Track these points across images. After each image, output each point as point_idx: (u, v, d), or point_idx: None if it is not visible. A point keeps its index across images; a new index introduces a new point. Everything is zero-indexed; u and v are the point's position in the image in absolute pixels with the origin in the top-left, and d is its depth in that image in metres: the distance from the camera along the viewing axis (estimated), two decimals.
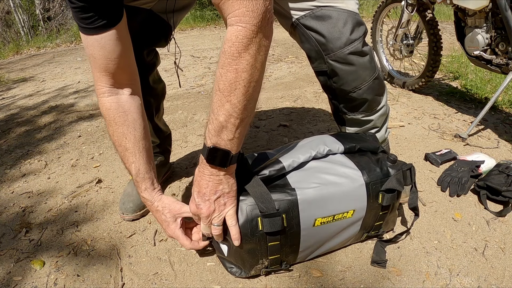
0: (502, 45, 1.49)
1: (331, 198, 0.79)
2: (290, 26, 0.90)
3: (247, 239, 0.76)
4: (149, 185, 0.85)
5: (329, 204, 0.79)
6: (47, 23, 6.06)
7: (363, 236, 0.93)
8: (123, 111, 0.81)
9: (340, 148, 0.88)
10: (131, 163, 0.83)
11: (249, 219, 0.75)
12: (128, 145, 0.82)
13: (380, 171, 0.85)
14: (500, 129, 1.62)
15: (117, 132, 0.81)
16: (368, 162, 0.87)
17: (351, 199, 0.82)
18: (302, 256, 0.86)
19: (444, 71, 2.54)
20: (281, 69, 2.77)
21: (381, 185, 0.84)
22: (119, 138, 0.82)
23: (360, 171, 0.84)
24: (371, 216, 0.87)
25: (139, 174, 0.84)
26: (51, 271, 0.92)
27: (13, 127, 1.93)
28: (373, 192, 0.83)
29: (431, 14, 1.88)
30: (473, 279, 0.85)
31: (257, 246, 0.78)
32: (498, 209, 1.08)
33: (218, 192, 0.72)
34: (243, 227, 0.75)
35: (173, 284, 0.87)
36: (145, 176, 0.84)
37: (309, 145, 0.87)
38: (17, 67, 3.67)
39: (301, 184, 0.79)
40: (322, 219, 0.80)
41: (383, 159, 0.89)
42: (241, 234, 0.75)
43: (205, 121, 1.80)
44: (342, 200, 0.81)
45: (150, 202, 0.86)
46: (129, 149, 0.82)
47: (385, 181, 0.84)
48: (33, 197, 1.24)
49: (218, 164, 0.70)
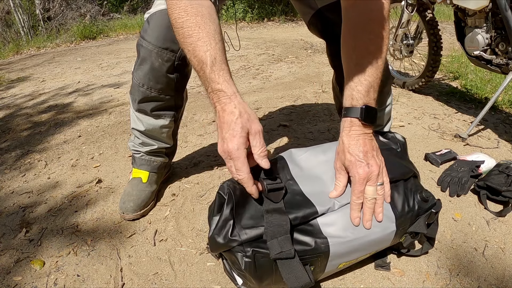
0: (502, 45, 1.48)
1: (360, 248, 0.73)
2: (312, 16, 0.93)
3: (268, 285, 0.71)
4: (228, 77, 0.70)
5: (357, 252, 0.74)
6: (47, 23, 6.06)
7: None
8: (198, 3, 0.70)
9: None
10: (205, 51, 0.68)
11: (273, 271, 0.68)
12: (201, 35, 0.69)
13: (411, 213, 0.76)
14: (500, 129, 1.62)
15: (188, 22, 0.69)
16: (400, 199, 0.76)
17: (378, 244, 0.76)
18: None
19: (444, 71, 2.54)
20: (281, 69, 2.77)
21: (409, 227, 0.77)
22: (190, 28, 0.69)
23: (394, 215, 0.74)
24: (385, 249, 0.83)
25: (216, 63, 0.68)
26: (51, 271, 0.92)
27: (13, 127, 1.93)
28: (400, 234, 0.77)
29: (431, 14, 1.88)
30: (473, 279, 0.85)
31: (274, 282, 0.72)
32: (498, 209, 1.08)
33: (374, 147, 0.73)
34: (266, 280, 0.70)
35: (173, 284, 0.87)
36: (222, 66, 0.69)
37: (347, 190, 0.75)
38: (17, 67, 3.67)
39: (335, 231, 0.70)
40: (346, 264, 0.77)
41: (415, 191, 0.78)
42: (263, 283, 0.71)
43: (205, 121, 1.81)
44: (370, 247, 0.75)
45: (227, 97, 0.67)
46: (203, 38, 0.69)
47: (414, 222, 0.77)
48: (33, 197, 1.24)
49: (370, 121, 0.72)
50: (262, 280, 0.71)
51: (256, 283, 0.71)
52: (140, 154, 1.13)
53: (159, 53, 0.94)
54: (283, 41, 3.81)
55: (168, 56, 0.95)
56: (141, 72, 0.98)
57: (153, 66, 0.96)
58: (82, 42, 5.03)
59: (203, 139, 1.61)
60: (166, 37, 0.92)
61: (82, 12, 6.20)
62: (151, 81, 0.98)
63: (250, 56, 3.27)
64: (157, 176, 1.17)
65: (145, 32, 0.94)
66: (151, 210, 1.13)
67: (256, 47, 3.75)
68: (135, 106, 1.05)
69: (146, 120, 1.05)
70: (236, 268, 0.73)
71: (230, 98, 0.67)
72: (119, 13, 6.95)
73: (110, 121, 1.90)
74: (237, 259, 0.68)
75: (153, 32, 0.93)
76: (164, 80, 0.99)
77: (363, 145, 0.72)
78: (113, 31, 5.53)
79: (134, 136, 1.12)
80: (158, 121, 1.06)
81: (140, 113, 1.05)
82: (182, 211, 1.12)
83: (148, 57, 0.95)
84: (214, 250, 0.73)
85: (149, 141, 1.11)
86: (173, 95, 1.04)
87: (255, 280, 0.71)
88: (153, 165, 1.14)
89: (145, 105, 1.03)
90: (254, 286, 0.73)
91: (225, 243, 0.68)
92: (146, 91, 1.00)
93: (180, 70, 1.00)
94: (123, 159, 1.47)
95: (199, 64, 0.69)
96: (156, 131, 1.08)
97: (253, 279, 0.70)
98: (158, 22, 0.92)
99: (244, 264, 0.67)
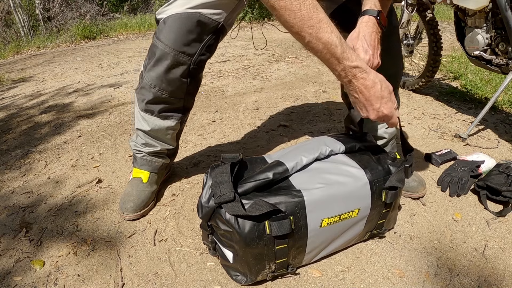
0: (502, 45, 1.48)
1: (337, 198, 0.79)
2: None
3: (254, 244, 0.75)
4: (356, 54, 0.75)
5: (335, 204, 0.79)
6: (47, 23, 6.06)
7: (366, 235, 0.93)
8: None
9: (341, 148, 0.89)
10: (330, 32, 0.70)
11: (256, 223, 0.74)
12: (321, 16, 0.69)
13: (382, 169, 0.86)
14: (500, 129, 1.62)
15: (306, 4, 0.68)
16: (369, 160, 0.87)
17: (356, 198, 0.82)
18: (308, 258, 0.86)
19: (444, 71, 2.54)
20: (281, 69, 2.77)
21: (384, 183, 0.84)
22: (309, 10, 0.68)
23: (363, 170, 0.84)
24: (375, 214, 0.87)
25: (342, 42, 0.72)
26: (51, 271, 0.92)
27: (13, 127, 1.93)
28: (377, 190, 0.84)
29: (431, 14, 1.88)
30: (473, 279, 0.85)
31: (264, 251, 0.76)
32: (498, 209, 1.08)
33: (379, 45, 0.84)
34: (250, 232, 0.74)
35: (173, 284, 0.87)
36: (347, 45, 0.73)
37: (311, 147, 0.87)
38: (17, 67, 3.67)
39: (306, 185, 0.79)
40: (329, 219, 0.79)
41: (384, 157, 0.89)
42: (248, 239, 0.74)
43: (205, 121, 1.81)
44: (348, 199, 0.81)
45: (364, 72, 0.74)
46: (323, 20, 0.70)
47: (387, 179, 0.85)
48: (33, 197, 1.24)
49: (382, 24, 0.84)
50: (247, 241, 0.74)
51: (243, 244, 0.75)
52: (142, 154, 1.13)
53: (175, 56, 0.93)
54: (283, 41, 3.81)
55: (184, 60, 0.94)
56: (154, 74, 0.97)
57: (167, 69, 0.95)
58: (82, 42, 5.03)
59: (203, 139, 1.61)
60: (183, 41, 0.92)
61: (82, 12, 6.20)
62: (163, 83, 0.98)
63: (250, 56, 3.27)
64: (157, 177, 1.17)
65: (161, 32, 0.93)
66: (151, 210, 1.13)
67: (256, 47, 3.74)
68: (142, 106, 1.04)
69: (152, 121, 1.05)
70: (225, 239, 0.79)
71: (366, 72, 0.74)
72: (119, 13, 6.96)
73: (110, 121, 1.90)
74: (222, 215, 0.76)
75: (170, 34, 0.92)
76: (177, 84, 0.99)
77: (374, 39, 0.83)
78: (113, 31, 5.53)
79: (137, 136, 1.12)
80: (165, 122, 1.06)
81: (147, 113, 1.04)
82: (182, 211, 1.12)
83: (164, 59, 0.94)
84: (204, 218, 0.80)
85: (153, 142, 1.10)
86: (183, 97, 1.04)
87: (240, 237, 0.74)
88: (154, 165, 1.14)
89: (153, 106, 1.03)
90: (242, 253, 0.77)
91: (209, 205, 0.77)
92: (158, 93, 1.00)
93: (194, 75, 1.00)
94: (123, 159, 1.47)
95: (325, 46, 0.70)
96: (161, 132, 1.08)
97: (239, 237, 0.74)
98: (176, 25, 0.91)
99: (227, 218, 0.75)
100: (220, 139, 1.60)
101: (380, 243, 0.96)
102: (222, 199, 0.73)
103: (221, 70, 2.78)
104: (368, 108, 0.78)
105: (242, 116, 1.86)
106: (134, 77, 2.76)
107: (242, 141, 1.58)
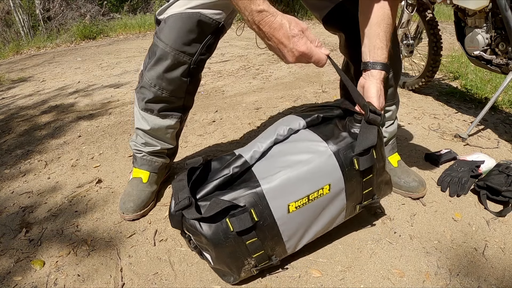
0: (502, 45, 1.48)
1: (300, 179, 0.74)
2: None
3: (223, 244, 0.73)
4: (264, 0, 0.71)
5: (300, 186, 0.74)
6: (47, 23, 6.06)
7: (357, 209, 0.86)
8: None
9: (301, 123, 0.83)
10: None
11: (218, 223, 0.72)
12: None
13: (348, 135, 0.79)
14: (500, 129, 1.62)
15: None
16: (333, 129, 0.80)
17: (323, 174, 0.76)
18: (292, 246, 0.81)
19: (444, 71, 2.54)
20: (281, 69, 2.77)
21: (353, 150, 0.77)
22: None
23: (325, 141, 0.77)
24: (354, 185, 0.80)
25: None
26: (51, 271, 0.92)
27: (13, 127, 1.93)
28: (346, 160, 0.77)
29: (431, 14, 1.88)
30: (473, 279, 0.85)
31: (235, 248, 0.74)
32: (498, 209, 1.08)
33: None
34: (214, 234, 0.72)
35: (173, 284, 0.87)
36: None
37: (269, 131, 0.83)
38: (17, 67, 3.67)
39: (267, 173, 0.75)
40: (296, 203, 0.75)
41: (350, 121, 0.81)
42: (215, 240, 0.73)
43: (205, 121, 1.81)
44: (314, 177, 0.75)
45: (271, 15, 0.70)
46: None
47: (356, 144, 0.78)
48: (33, 197, 1.24)
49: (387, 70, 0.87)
50: (214, 242, 0.73)
51: (212, 246, 0.74)
52: (142, 154, 1.13)
53: (176, 56, 0.94)
54: None
55: (184, 60, 0.95)
56: (154, 73, 0.98)
57: (168, 68, 0.96)
58: (82, 42, 5.02)
59: (203, 139, 1.61)
60: (184, 40, 0.92)
61: (82, 12, 6.20)
62: (163, 82, 0.98)
63: (250, 56, 3.27)
64: (157, 177, 1.17)
65: (161, 32, 0.94)
66: (151, 210, 1.13)
67: (256, 47, 3.74)
68: (142, 105, 1.04)
69: (152, 120, 1.05)
70: (199, 243, 0.78)
71: (273, 15, 0.69)
72: (119, 13, 6.95)
73: (110, 121, 1.90)
74: (187, 222, 0.74)
75: (170, 34, 0.92)
76: (177, 83, 0.99)
77: (381, 89, 0.86)
78: (113, 31, 5.53)
79: (136, 135, 1.12)
80: (165, 121, 1.06)
81: (147, 112, 1.04)
82: None
83: (164, 58, 0.95)
84: (176, 227, 0.79)
85: (152, 142, 1.10)
86: (183, 97, 1.04)
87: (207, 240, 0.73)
88: (154, 165, 1.14)
89: (153, 105, 1.03)
90: (216, 254, 0.76)
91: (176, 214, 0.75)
92: (158, 92, 1.00)
93: (194, 74, 1.00)
94: (123, 159, 1.47)
95: None
96: (161, 131, 1.08)
97: (206, 240, 0.73)
98: (177, 24, 0.91)
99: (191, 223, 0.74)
100: (220, 139, 1.60)
101: (380, 243, 0.96)
102: (179, 206, 0.72)
103: (221, 70, 2.78)
104: (284, 52, 0.72)
105: (242, 116, 1.86)
106: (134, 77, 2.76)
107: (242, 141, 1.58)
